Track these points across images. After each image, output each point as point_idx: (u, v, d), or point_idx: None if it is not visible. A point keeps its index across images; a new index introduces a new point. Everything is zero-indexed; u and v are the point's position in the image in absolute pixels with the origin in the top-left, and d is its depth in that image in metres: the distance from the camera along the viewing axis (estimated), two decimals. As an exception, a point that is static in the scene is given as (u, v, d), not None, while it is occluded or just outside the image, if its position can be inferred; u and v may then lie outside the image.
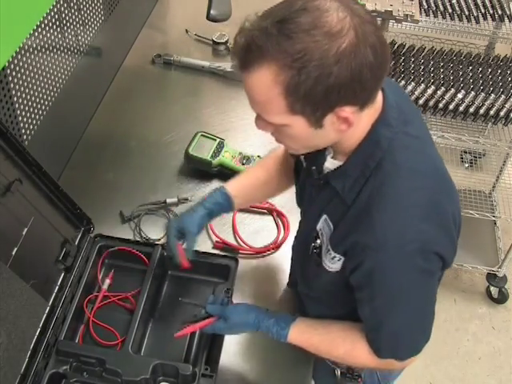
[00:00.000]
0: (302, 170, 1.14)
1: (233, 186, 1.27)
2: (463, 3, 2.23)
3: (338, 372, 1.27)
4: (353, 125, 0.89)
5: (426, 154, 0.99)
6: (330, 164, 1.01)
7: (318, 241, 1.05)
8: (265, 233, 1.51)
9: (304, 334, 1.13)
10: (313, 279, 1.13)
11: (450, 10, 2.21)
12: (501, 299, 2.57)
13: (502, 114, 2.01)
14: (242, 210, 1.55)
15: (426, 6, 2.23)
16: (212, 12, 1.55)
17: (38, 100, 1.46)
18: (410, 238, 0.92)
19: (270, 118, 0.91)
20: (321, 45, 0.81)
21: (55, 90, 1.54)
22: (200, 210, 1.23)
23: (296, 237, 1.28)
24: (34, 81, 1.42)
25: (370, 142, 0.94)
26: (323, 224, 1.03)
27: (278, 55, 0.82)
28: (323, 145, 0.97)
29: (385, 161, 0.93)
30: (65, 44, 1.56)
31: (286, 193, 1.34)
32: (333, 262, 1.02)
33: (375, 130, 0.94)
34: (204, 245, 1.32)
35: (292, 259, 1.35)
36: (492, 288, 2.57)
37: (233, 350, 1.27)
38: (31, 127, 1.44)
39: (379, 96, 0.94)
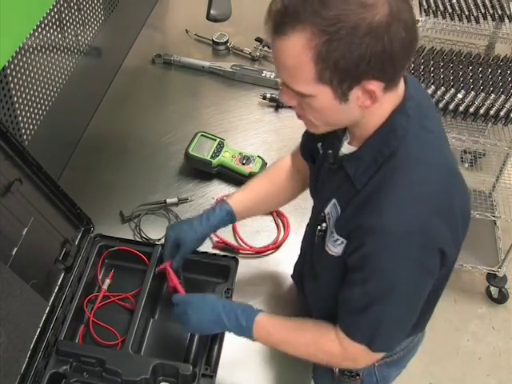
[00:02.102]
0: (318, 157, 1.14)
1: (235, 200, 1.26)
2: (463, 3, 2.23)
3: (337, 370, 1.27)
4: (377, 101, 0.90)
5: (440, 149, 1.00)
6: (346, 149, 1.02)
7: (324, 224, 1.06)
8: (265, 233, 1.51)
9: (266, 326, 1.11)
10: (317, 264, 1.14)
11: (450, 10, 2.21)
12: (501, 299, 2.57)
13: (502, 114, 2.01)
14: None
15: (426, 6, 2.23)
16: (212, 12, 1.55)
17: (38, 100, 1.46)
18: (414, 228, 0.92)
19: (297, 87, 0.90)
20: (355, 14, 0.82)
21: (55, 89, 1.54)
22: (202, 227, 1.23)
23: (307, 223, 1.29)
24: (34, 81, 1.42)
25: (387, 130, 0.95)
26: (331, 208, 1.04)
27: (312, 20, 0.83)
28: (345, 122, 0.98)
29: (399, 150, 0.94)
30: (65, 44, 1.56)
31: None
32: (335, 246, 1.03)
33: (393, 117, 0.95)
34: (204, 245, 1.32)
35: (301, 247, 1.34)
36: (492, 288, 2.56)
37: (233, 350, 1.27)
38: (31, 127, 1.44)
39: (401, 84, 0.96)
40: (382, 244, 0.93)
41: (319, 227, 1.08)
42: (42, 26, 1.42)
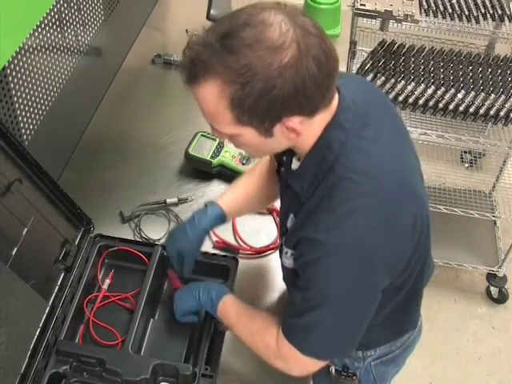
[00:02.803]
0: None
1: (226, 201, 1.27)
2: (463, 3, 2.23)
3: (333, 370, 1.27)
4: (301, 134, 0.92)
5: (384, 158, 0.97)
6: (295, 165, 1.03)
7: (285, 237, 1.09)
8: (265, 233, 1.51)
9: (228, 306, 1.17)
10: (283, 275, 1.18)
11: (450, 10, 2.21)
12: (501, 299, 2.57)
13: (502, 114, 2.01)
14: (241, 210, 1.55)
15: (426, 6, 2.23)
16: (212, 12, 1.56)
17: (38, 100, 1.46)
18: (350, 243, 0.92)
19: (221, 129, 0.93)
20: (263, 59, 0.83)
21: (55, 89, 1.54)
22: (196, 233, 1.24)
23: None
24: (34, 81, 1.42)
25: (322, 145, 0.95)
26: (290, 222, 1.05)
27: (221, 70, 0.84)
28: (279, 150, 1.01)
29: (337, 164, 0.94)
30: (65, 44, 1.56)
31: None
32: (287, 258, 1.06)
33: (327, 133, 0.95)
34: (204, 245, 1.32)
35: None
36: (492, 288, 2.57)
37: (233, 350, 1.27)
38: (31, 127, 1.44)
39: (335, 99, 0.95)
40: (319, 256, 0.94)
41: (281, 240, 1.10)
42: (42, 26, 1.42)
